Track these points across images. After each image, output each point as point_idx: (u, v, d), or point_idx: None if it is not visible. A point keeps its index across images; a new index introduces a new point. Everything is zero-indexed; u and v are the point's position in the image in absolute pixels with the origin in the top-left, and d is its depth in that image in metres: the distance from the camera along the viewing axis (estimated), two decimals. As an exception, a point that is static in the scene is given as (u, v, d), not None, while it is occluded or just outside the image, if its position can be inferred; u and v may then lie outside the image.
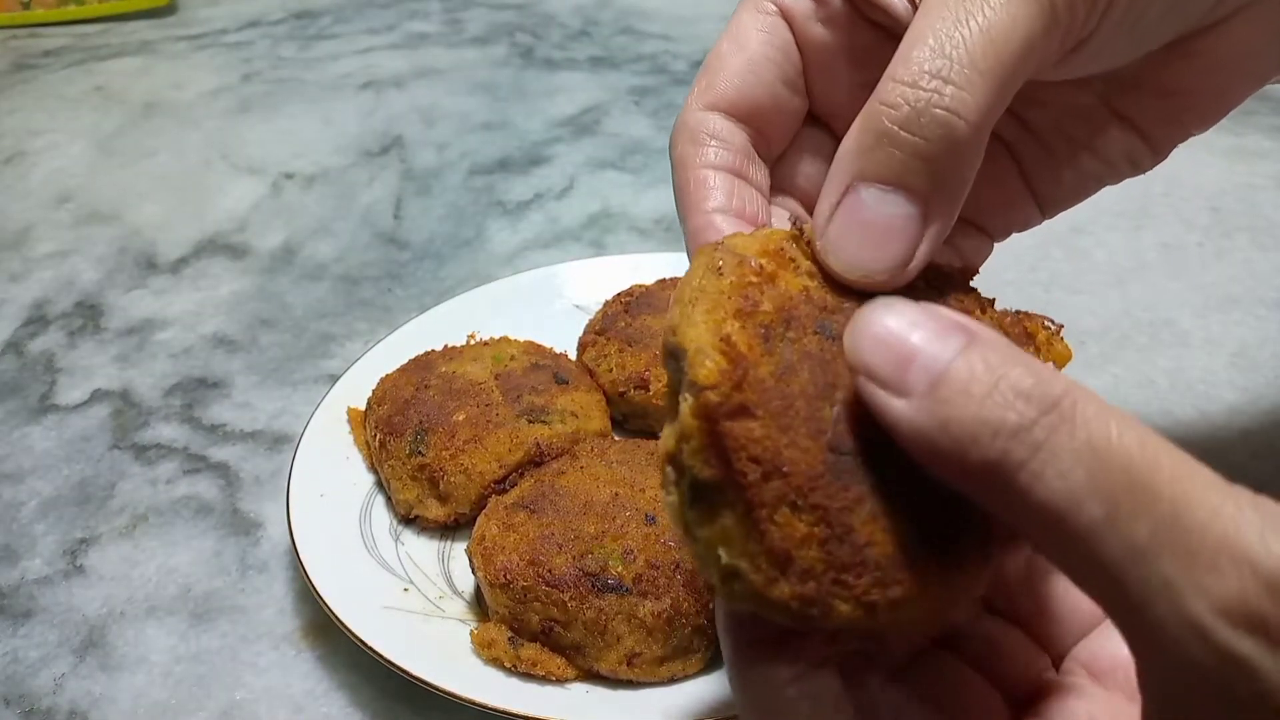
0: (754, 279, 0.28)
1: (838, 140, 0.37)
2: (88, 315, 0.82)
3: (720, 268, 0.28)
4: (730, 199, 0.35)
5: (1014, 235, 0.42)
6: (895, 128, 0.28)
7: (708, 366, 0.26)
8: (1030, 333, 0.32)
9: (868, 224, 0.29)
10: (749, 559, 0.26)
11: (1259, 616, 0.21)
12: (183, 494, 0.64)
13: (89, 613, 0.57)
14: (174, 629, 0.55)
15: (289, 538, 0.54)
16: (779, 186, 0.39)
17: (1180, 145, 0.40)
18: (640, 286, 0.70)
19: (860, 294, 0.30)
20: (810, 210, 0.37)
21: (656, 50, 1.24)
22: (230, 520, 0.62)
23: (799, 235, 0.31)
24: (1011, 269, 0.77)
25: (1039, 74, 0.31)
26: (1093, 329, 0.72)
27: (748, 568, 0.26)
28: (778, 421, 0.26)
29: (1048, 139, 0.39)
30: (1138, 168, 0.40)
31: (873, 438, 0.26)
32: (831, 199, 0.30)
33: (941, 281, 0.32)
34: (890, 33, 0.35)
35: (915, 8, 0.33)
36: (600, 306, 0.70)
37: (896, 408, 0.25)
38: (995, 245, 0.42)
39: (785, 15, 0.37)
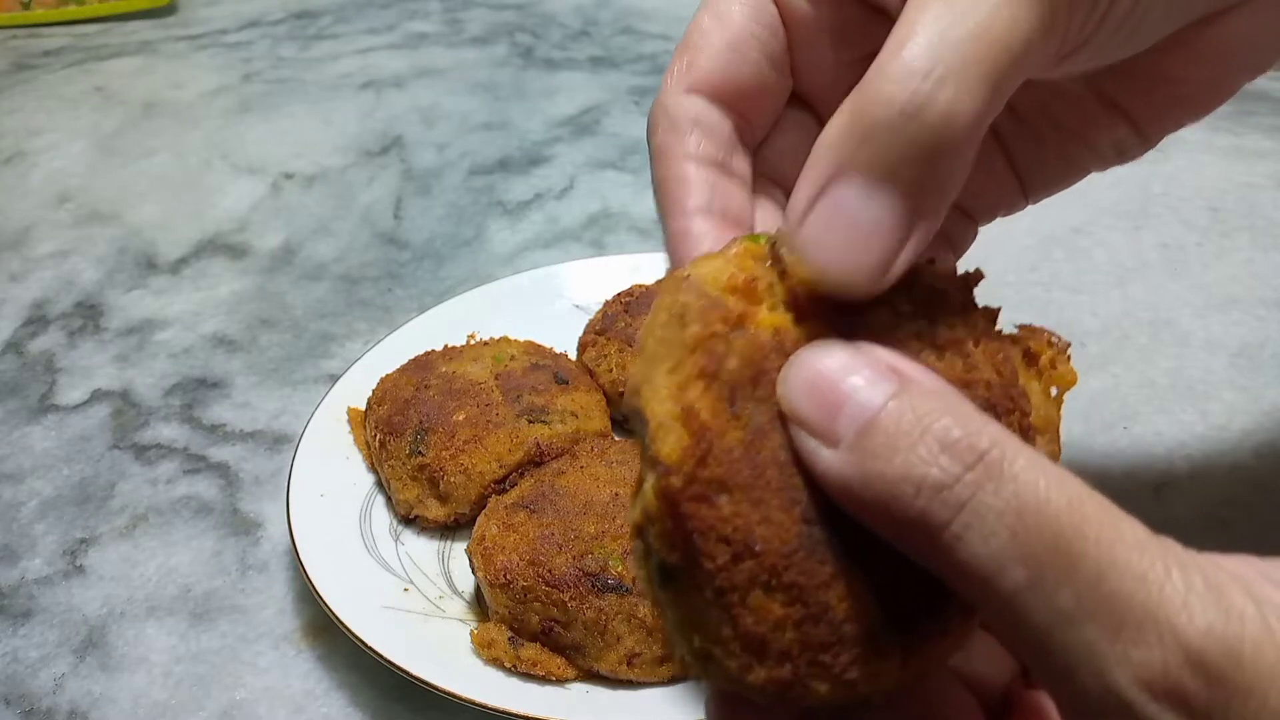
0: (720, 327, 0.26)
1: (822, 123, 0.37)
2: (88, 315, 0.82)
3: (684, 314, 0.26)
4: (713, 197, 0.33)
5: (1014, 236, 0.42)
6: (882, 128, 0.26)
7: (670, 444, 0.24)
8: (1033, 353, 0.30)
9: (849, 222, 0.27)
10: (722, 645, 0.25)
11: (1179, 691, 0.20)
12: (183, 494, 0.64)
13: (89, 613, 0.57)
14: (174, 629, 0.55)
15: (289, 538, 0.54)
16: (761, 172, 0.36)
17: (1181, 146, 0.39)
18: (640, 286, 0.70)
19: (830, 326, 0.27)
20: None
21: (656, 50, 1.24)
22: (230, 520, 0.62)
23: (775, 251, 0.28)
24: (1011, 269, 0.77)
25: (1036, 74, 0.30)
26: (1093, 329, 0.72)
27: (721, 654, 0.25)
28: (748, 495, 0.24)
29: (1034, 123, 0.38)
30: (1125, 156, 0.39)
31: None
32: (809, 192, 0.28)
33: (933, 303, 0.29)
34: (876, 8, 0.34)
35: None
36: (600, 306, 0.70)
37: (824, 458, 0.24)
38: (998, 250, 0.41)
39: None
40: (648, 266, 0.73)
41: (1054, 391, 0.30)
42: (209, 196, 0.98)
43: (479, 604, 0.54)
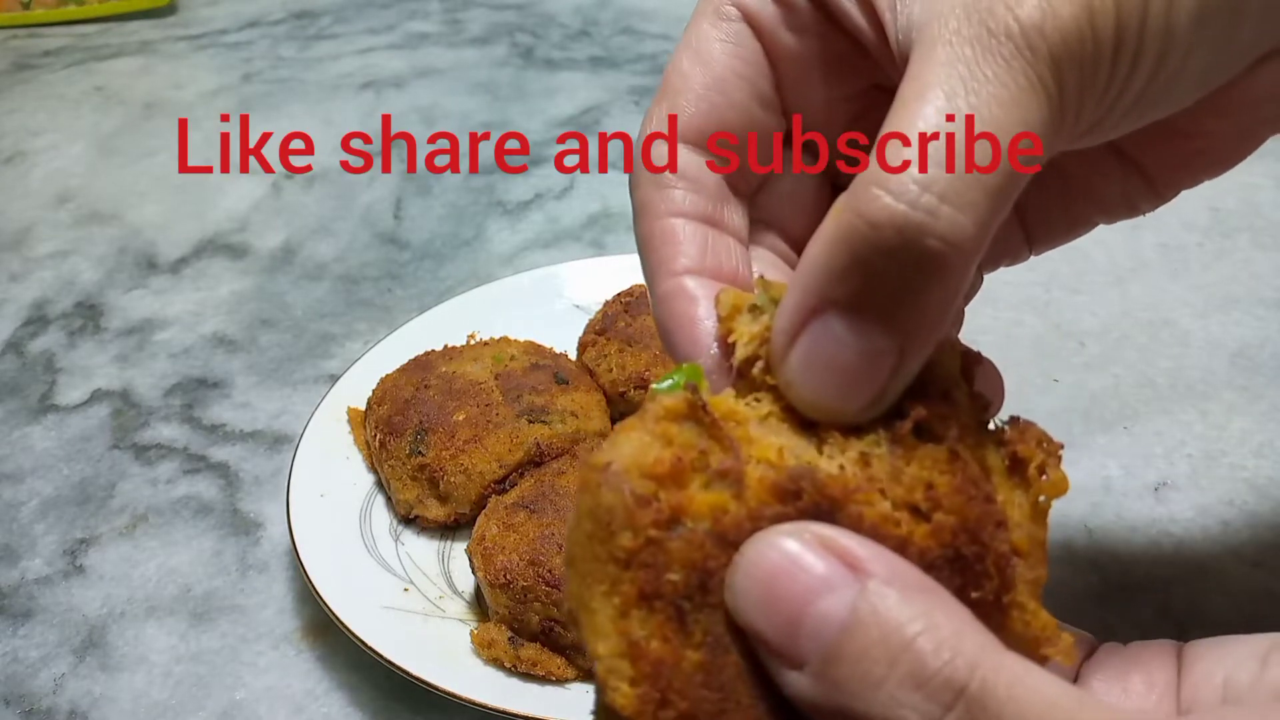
0: (653, 532, 0.23)
1: (820, 162, 0.33)
2: (88, 315, 0.82)
3: (609, 520, 0.23)
4: (704, 255, 0.31)
5: None
6: (876, 254, 0.24)
7: (624, 691, 0.23)
8: (1022, 458, 0.27)
9: (835, 360, 0.25)
10: None
11: None
12: (183, 494, 0.64)
13: (89, 613, 0.57)
14: (174, 629, 0.55)
15: (289, 538, 0.54)
16: (758, 219, 0.34)
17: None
18: (640, 286, 0.70)
19: (786, 452, 0.25)
20: (793, 245, 0.34)
21: (656, 50, 1.24)
22: (230, 520, 0.62)
23: (701, 408, 0.25)
24: (1011, 269, 0.77)
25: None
26: (1093, 329, 0.72)
27: None
28: None
29: (1043, 177, 0.35)
30: (1135, 210, 0.37)
31: None
32: (792, 321, 0.26)
33: (913, 396, 0.27)
34: (860, 41, 0.31)
35: (872, 22, 0.29)
36: (600, 306, 0.70)
37: (792, 681, 0.22)
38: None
39: (751, 22, 0.32)
40: (648, 266, 0.73)
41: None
42: (209, 196, 0.98)
43: (479, 604, 0.54)
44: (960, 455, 0.26)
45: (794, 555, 0.23)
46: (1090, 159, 0.35)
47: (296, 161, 1.02)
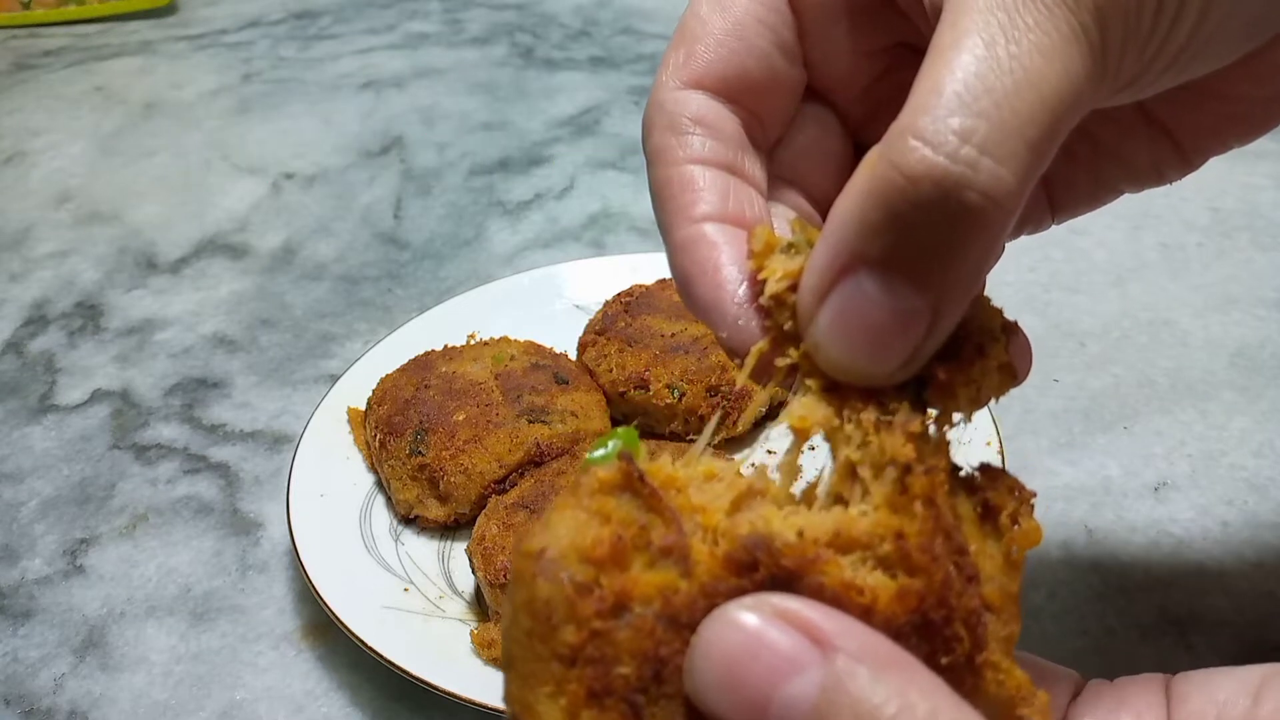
0: (597, 623, 0.22)
1: (842, 119, 0.31)
2: (88, 315, 0.82)
3: (549, 614, 0.22)
4: (725, 202, 0.29)
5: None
6: (912, 209, 0.22)
7: None
8: (994, 506, 0.26)
9: (868, 319, 0.24)
10: None
11: None
12: (183, 494, 0.64)
13: (89, 613, 0.57)
14: (174, 629, 0.55)
15: (289, 538, 0.54)
16: (776, 175, 0.32)
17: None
18: (640, 286, 0.70)
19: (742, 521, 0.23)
20: (814, 203, 0.33)
21: (656, 50, 1.24)
22: (230, 520, 0.62)
23: (638, 478, 0.23)
24: (1011, 269, 0.77)
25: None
26: (1093, 329, 0.72)
27: None
28: None
29: (1070, 141, 0.33)
30: (1163, 177, 0.35)
31: None
32: (824, 278, 0.24)
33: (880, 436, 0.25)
34: None
35: None
36: (600, 306, 0.70)
37: None
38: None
39: None
40: (648, 266, 0.73)
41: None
42: (209, 196, 0.98)
43: (479, 604, 0.54)
44: (934, 502, 0.24)
45: (755, 632, 0.21)
46: (1120, 123, 0.34)
47: (296, 162, 1.02)
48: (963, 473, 0.27)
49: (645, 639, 0.22)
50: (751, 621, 0.21)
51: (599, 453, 0.25)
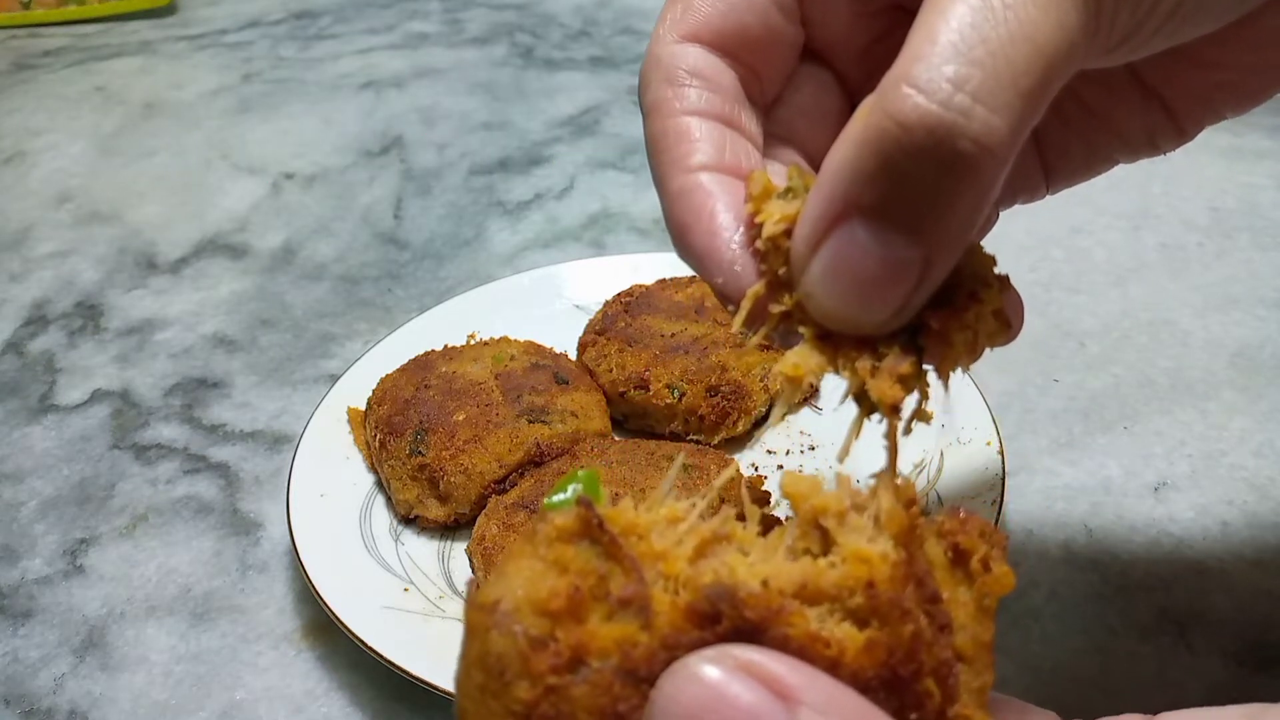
0: (553, 679, 0.21)
1: (840, 80, 0.31)
2: (88, 315, 0.82)
3: (502, 669, 0.21)
4: (721, 153, 0.29)
5: (1013, 236, 0.40)
6: (905, 156, 0.22)
7: None
8: (964, 551, 0.25)
9: (860, 268, 0.24)
10: None
11: None
12: (183, 494, 0.64)
13: (89, 613, 0.57)
14: (174, 629, 0.55)
15: (289, 538, 0.54)
16: (772, 133, 0.32)
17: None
18: (640, 286, 0.70)
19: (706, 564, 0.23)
20: (810, 161, 0.32)
21: (656, 50, 1.24)
22: (230, 520, 0.62)
23: (597, 525, 0.22)
24: (1011, 269, 0.77)
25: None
26: (1093, 329, 0.72)
27: None
28: None
29: (1062, 104, 0.34)
30: (1157, 149, 0.35)
31: None
32: (817, 227, 0.24)
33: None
34: None
35: None
36: (600, 306, 0.70)
37: None
38: (996, 249, 0.39)
39: None
40: (648, 266, 0.73)
41: (987, 599, 0.25)
42: (209, 196, 0.98)
43: (479, 604, 0.54)
44: (908, 550, 0.24)
45: (717, 685, 0.21)
46: (1112, 88, 0.34)
47: (296, 162, 1.02)
48: (930, 516, 0.26)
49: (602, 695, 0.21)
50: (713, 674, 0.21)
51: (558, 497, 0.24)
